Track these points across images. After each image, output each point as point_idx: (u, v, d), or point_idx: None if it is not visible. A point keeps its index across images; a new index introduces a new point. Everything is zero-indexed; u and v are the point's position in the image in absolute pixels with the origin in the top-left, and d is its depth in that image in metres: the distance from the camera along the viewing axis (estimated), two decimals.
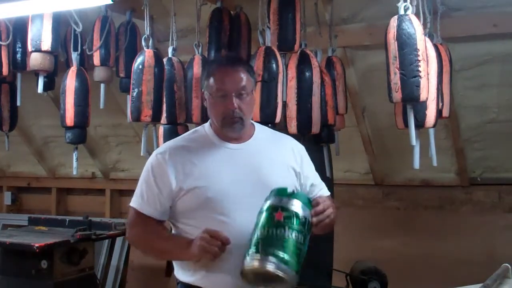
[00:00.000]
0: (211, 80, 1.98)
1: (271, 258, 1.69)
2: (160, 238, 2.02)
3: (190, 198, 1.95)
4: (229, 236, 1.84)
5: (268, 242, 1.73)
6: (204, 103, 2.06)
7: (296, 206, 1.78)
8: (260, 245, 1.73)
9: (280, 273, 1.69)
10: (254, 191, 1.92)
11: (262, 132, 2.12)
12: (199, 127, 2.12)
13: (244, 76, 1.97)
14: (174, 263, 2.07)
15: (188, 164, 1.96)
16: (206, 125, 2.09)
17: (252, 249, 1.74)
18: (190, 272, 1.97)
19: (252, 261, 1.72)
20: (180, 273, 2.02)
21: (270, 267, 1.69)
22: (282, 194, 1.81)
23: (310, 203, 1.83)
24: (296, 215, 1.76)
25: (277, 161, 2.04)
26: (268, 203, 1.81)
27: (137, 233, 2.06)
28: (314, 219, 1.81)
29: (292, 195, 1.81)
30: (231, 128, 1.98)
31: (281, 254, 1.70)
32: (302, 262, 1.76)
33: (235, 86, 1.95)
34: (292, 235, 1.73)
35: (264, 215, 1.79)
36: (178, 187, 1.95)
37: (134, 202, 2.06)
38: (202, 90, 2.06)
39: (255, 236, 1.76)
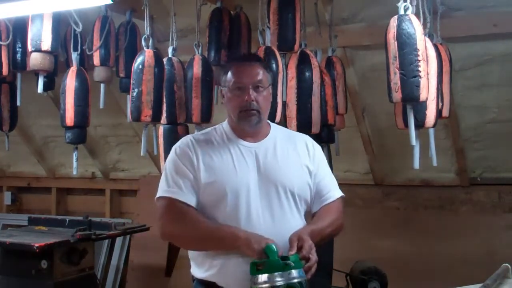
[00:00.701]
0: (229, 74, 2.04)
1: None
2: (208, 224, 1.95)
3: (206, 193, 1.98)
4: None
5: None
6: (223, 101, 2.10)
7: (295, 275, 1.80)
8: None
9: None
10: (268, 189, 1.98)
11: (277, 131, 2.16)
12: (217, 125, 2.17)
13: (260, 70, 2.04)
14: (191, 261, 2.08)
15: (206, 157, 2.01)
16: (224, 122, 2.13)
17: None
18: (205, 267, 1.99)
19: None
20: (196, 270, 2.05)
21: None
22: (277, 267, 1.80)
23: (299, 260, 1.85)
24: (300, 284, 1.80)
25: (292, 159, 2.08)
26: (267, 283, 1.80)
27: (179, 224, 1.98)
28: (308, 275, 1.85)
29: (287, 267, 1.80)
30: (248, 121, 2.01)
31: None
32: None
33: (252, 78, 2.00)
34: None
35: None
36: (198, 178, 1.98)
37: (168, 192, 1.99)
38: (221, 88, 2.11)
39: None
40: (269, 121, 2.18)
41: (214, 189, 1.96)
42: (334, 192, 2.16)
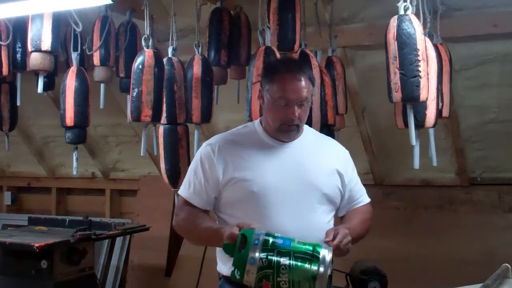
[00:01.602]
0: (275, 86, 2.01)
1: None
2: (201, 224, 2.05)
3: (235, 190, 2.00)
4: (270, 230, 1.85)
5: None
6: (260, 101, 2.10)
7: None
8: None
9: None
10: (297, 189, 2.00)
11: (309, 133, 2.18)
12: (249, 123, 2.19)
13: (306, 85, 2.01)
14: (217, 258, 2.12)
15: (236, 157, 2.03)
16: (256, 122, 2.15)
17: None
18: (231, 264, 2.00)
19: None
20: (222, 267, 2.08)
21: None
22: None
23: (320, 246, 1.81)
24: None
25: (322, 162, 2.10)
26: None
27: (182, 220, 2.11)
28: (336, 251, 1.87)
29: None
30: (287, 135, 2.05)
31: None
32: None
33: (299, 96, 1.99)
34: None
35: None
36: (225, 179, 2.01)
37: (182, 191, 2.13)
38: (261, 88, 2.08)
39: None
40: None
41: (243, 187, 1.99)
42: (364, 198, 2.25)
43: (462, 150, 3.74)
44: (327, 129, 3.01)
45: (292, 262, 1.75)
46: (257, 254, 1.74)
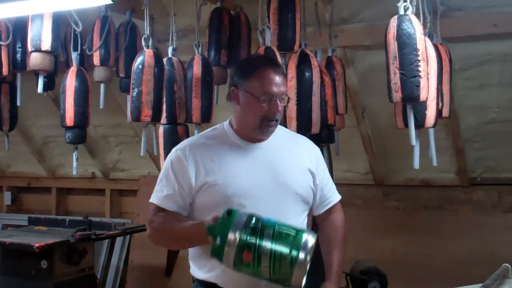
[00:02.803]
0: (256, 82, 1.97)
1: None
2: (181, 223, 1.98)
3: (209, 195, 1.96)
4: None
5: None
6: (234, 101, 2.03)
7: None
8: None
9: None
10: (271, 190, 1.96)
11: (279, 131, 2.13)
12: (218, 125, 2.13)
13: (284, 80, 2.02)
14: (190, 261, 2.08)
15: (207, 161, 1.98)
16: (225, 123, 2.10)
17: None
18: (207, 268, 1.99)
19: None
20: (196, 271, 2.04)
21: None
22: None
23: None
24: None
25: (294, 161, 2.07)
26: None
27: (158, 224, 2.01)
28: None
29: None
30: (266, 130, 2.00)
31: None
32: None
33: (281, 90, 1.98)
34: None
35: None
36: (198, 184, 1.96)
37: (154, 198, 2.04)
38: (233, 88, 2.03)
39: None
40: None
41: (217, 191, 1.94)
42: (335, 196, 2.20)
43: (462, 150, 3.74)
44: (327, 129, 3.01)
45: (276, 231, 1.73)
46: (242, 222, 1.72)
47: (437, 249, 3.77)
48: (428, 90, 2.27)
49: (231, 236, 1.70)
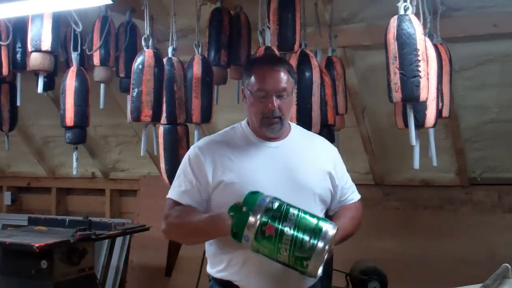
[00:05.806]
0: (252, 79, 1.99)
1: None
2: (197, 216, 1.97)
3: (225, 193, 1.96)
4: None
5: None
6: (244, 100, 2.07)
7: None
8: None
9: None
10: (288, 189, 1.95)
11: (297, 131, 2.15)
12: (236, 124, 2.14)
13: (285, 76, 1.99)
14: (208, 259, 2.08)
15: (225, 159, 1.99)
16: (243, 122, 2.11)
17: None
18: (223, 266, 1.99)
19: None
20: (212, 269, 2.05)
21: None
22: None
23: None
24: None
25: (312, 161, 2.07)
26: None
27: (173, 218, 2.02)
28: None
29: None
30: (270, 128, 2.00)
31: None
32: None
33: (276, 86, 1.97)
34: None
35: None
36: (214, 181, 1.97)
37: (172, 193, 2.06)
38: (242, 87, 2.07)
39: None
40: (288, 121, 2.14)
41: (233, 190, 1.94)
42: (355, 195, 2.20)
43: (462, 150, 3.74)
44: (327, 129, 3.01)
45: (300, 216, 1.75)
46: (267, 201, 1.75)
47: (437, 249, 3.77)
48: (428, 90, 2.27)
49: (257, 208, 1.73)
